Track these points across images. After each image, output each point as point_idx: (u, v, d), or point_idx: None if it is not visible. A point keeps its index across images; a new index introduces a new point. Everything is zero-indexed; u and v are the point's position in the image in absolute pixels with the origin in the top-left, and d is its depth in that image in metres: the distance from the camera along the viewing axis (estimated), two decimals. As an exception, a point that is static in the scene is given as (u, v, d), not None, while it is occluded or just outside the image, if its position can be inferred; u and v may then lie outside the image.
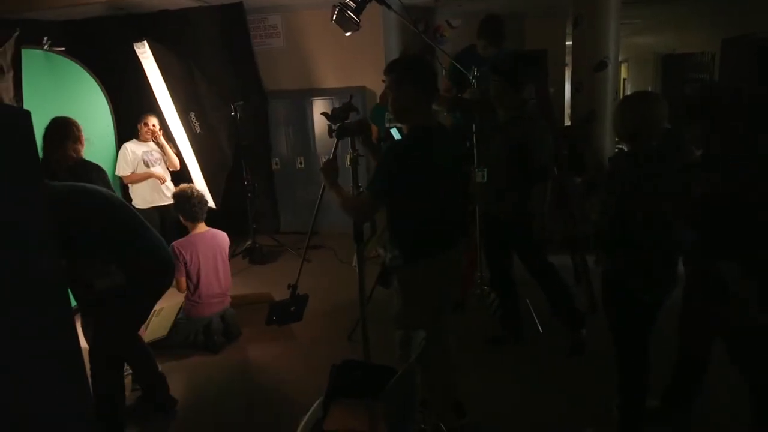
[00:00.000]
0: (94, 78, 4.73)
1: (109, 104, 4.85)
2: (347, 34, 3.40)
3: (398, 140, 3.02)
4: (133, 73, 5.24)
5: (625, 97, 2.52)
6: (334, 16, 3.33)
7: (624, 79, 12.10)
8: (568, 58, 7.57)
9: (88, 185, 2.72)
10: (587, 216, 3.16)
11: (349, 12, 3.29)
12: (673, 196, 2.26)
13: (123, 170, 4.73)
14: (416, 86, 2.26)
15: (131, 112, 4.95)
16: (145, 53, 4.98)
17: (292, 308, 2.90)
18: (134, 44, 4.99)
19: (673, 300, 2.40)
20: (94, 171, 3.25)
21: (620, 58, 8.11)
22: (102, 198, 2.68)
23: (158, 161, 4.89)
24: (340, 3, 3.30)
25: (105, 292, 2.57)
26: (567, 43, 7.86)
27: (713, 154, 2.29)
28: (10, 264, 1.00)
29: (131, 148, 4.77)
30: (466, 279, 4.16)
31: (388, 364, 2.59)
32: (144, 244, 2.72)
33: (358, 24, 3.34)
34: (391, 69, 2.31)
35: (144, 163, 4.79)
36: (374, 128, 4.63)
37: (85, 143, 3.28)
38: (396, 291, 2.47)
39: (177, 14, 5.73)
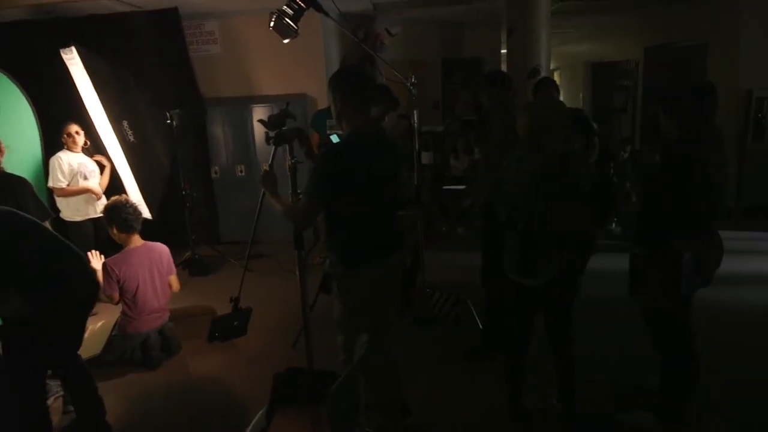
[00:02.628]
0: (16, 85, 4.50)
1: (33, 112, 4.62)
2: (285, 41, 3.38)
3: (333, 144, 3.04)
4: (60, 79, 5.01)
5: (525, 105, 2.71)
6: (272, 23, 3.31)
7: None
8: (504, 66, 7.84)
9: None
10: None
11: (287, 19, 3.28)
12: (568, 194, 2.43)
13: (57, 182, 4.46)
14: (353, 94, 2.35)
15: (59, 121, 4.73)
16: (72, 59, 4.78)
17: (235, 322, 2.83)
18: (61, 50, 4.78)
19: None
20: (17, 184, 3.09)
21: (552, 66, 8.46)
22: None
23: (93, 174, 4.68)
24: (278, 10, 3.29)
25: (12, 316, 2.41)
26: (502, 51, 8.13)
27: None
28: None
29: (66, 159, 4.51)
30: (410, 281, 4.20)
31: (332, 370, 2.60)
32: (54, 268, 2.54)
33: (296, 31, 3.33)
34: (330, 79, 2.43)
35: (81, 175, 4.56)
36: (316, 135, 4.62)
37: (5, 151, 3.11)
38: (336, 296, 2.48)
39: (108, 19, 5.53)
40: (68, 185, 4.51)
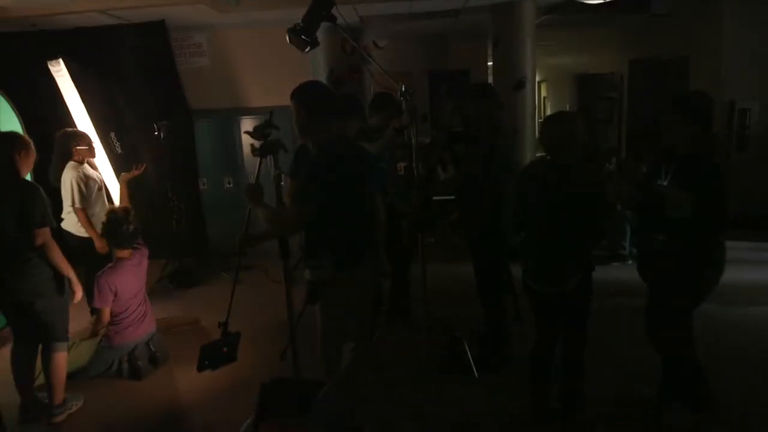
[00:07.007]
0: (3, 97, 4.48)
1: (21, 124, 4.60)
2: (306, 50, 3.37)
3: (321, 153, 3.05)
4: (47, 92, 5.00)
5: (548, 116, 2.76)
6: (288, 38, 3.32)
7: (544, 98, 12.75)
8: (491, 78, 7.91)
9: None
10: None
11: (303, 35, 3.28)
12: (586, 200, 2.48)
13: (80, 201, 4.02)
14: (312, 108, 2.42)
15: (47, 134, 4.64)
16: (60, 71, 4.80)
17: (225, 349, 2.76)
18: (48, 62, 4.79)
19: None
20: (34, 189, 2.98)
21: (539, 78, 8.56)
22: None
23: (101, 183, 4.36)
24: (291, 28, 3.28)
25: None
26: (489, 63, 8.22)
27: None
28: None
29: (82, 173, 4.10)
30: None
31: (320, 379, 2.59)
32: None
33: (314, 42, 3.33)
34: (291, 94, 2.49)
35: (97, 188, 4.23)
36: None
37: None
38: (321, 305, 2.49)
39: (94, 31, 5.54)
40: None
